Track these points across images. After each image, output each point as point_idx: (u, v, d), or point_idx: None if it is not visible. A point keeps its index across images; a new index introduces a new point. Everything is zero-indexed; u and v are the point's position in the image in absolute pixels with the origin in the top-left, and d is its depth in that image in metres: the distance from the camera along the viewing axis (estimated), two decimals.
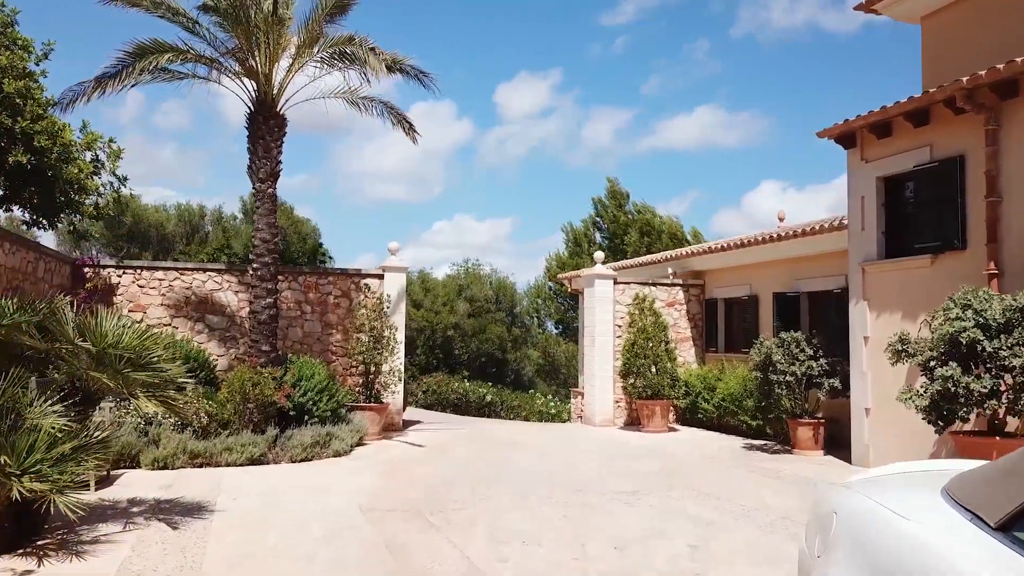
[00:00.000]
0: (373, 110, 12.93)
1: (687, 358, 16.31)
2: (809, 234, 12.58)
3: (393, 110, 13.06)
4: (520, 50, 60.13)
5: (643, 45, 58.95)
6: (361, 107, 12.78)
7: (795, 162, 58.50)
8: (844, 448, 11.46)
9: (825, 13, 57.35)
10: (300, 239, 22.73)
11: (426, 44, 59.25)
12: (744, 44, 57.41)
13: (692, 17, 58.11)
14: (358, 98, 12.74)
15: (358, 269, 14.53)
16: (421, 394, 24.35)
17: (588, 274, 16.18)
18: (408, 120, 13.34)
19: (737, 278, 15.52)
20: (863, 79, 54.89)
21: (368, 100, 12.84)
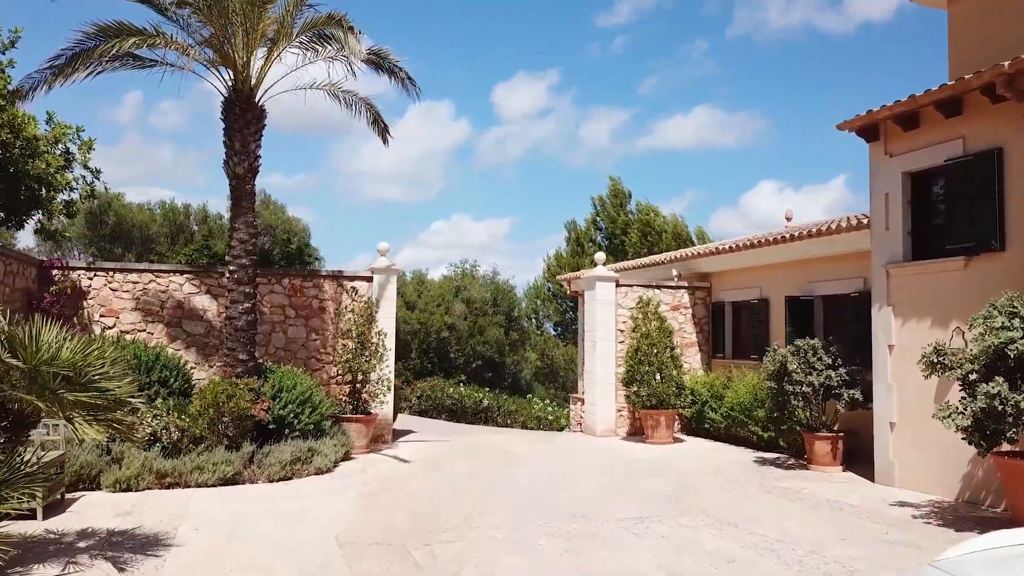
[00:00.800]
0: (353, 106, 12.17)
1: (692, 364, 15.52)
2: (825, 234, 11.80)
3: (371, 108, 12.29)
4: (518, 50, 59.51)
5: (640, 45, 58.36)
6: (342, 100, 12.02)
7: (793, 162, 57.96)
8: (864, 463, 10.70)
9: (821, 14, 56.82)
10: (285, 240, 21.81)
11: (425, 44, 58.68)
12: (741, 44, 56.85)
13: (689, 18, 57.56)
14: (340, 91, 11.96)
15: (341, 271, 13.71)
16: (415, 399, 23.55)
17: (589, 276, 15.39)
18: (383, 121, 12.64)
19: (746, 280, 14.74)
20: (862, 79, 54.39)
21: (349, 94, 12.07)
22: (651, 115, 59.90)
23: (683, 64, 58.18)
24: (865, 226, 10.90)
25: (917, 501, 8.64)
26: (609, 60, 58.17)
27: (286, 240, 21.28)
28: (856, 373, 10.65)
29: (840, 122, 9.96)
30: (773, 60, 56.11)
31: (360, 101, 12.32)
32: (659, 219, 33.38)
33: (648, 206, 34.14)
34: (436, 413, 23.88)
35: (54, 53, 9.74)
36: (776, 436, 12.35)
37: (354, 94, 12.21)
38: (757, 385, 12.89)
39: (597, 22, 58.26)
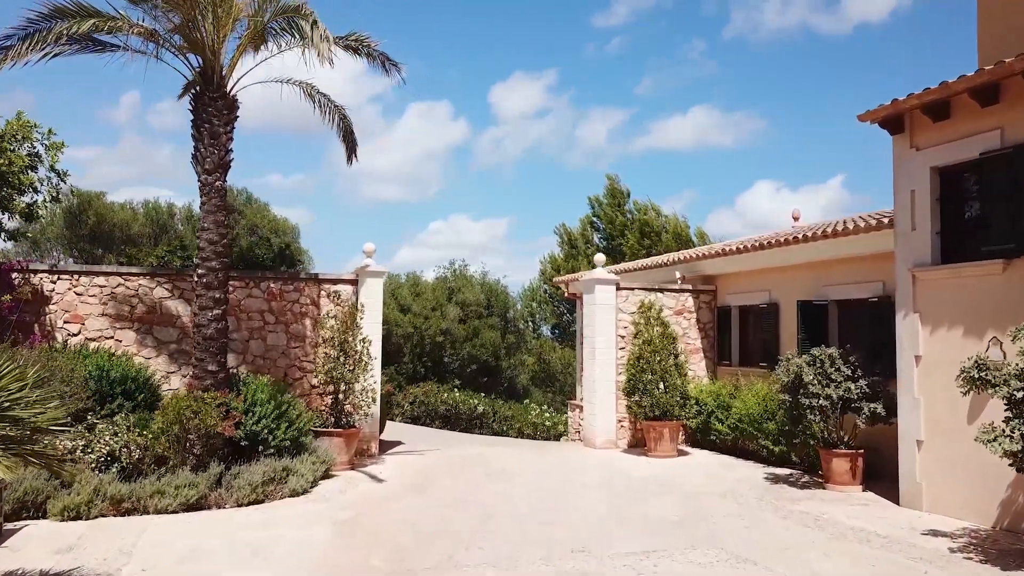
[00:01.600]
0: (327, 113, 11.39)
1: (697, 372, 14.71)
2: (841, 234, 10.99)
3: (344, 119, 11.52)
4: (516, 50, 58.88)
5: (638, 46, 57.75)
6: (316, 103, 11.25)
7: (791, 163, 57.42)
8: (885, 481, 9.91)
9: (818, 15, 56.37)
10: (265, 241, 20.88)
11: (423, 45, 58.03)
12: (738, 45, 56.28)
13: (686, 18, 56.99)
14: (316, 92, 11.18)
15: (322, 274, 12.88)
16: (408, 405, 22.73)
17: (588, 279, 14.58)
18: (353, 135, 11.86)
19: (754, 283, 13.93)
20: (860, 79, 53.91)
21: (324, 98, 11.29)
22: (649, 115, 59.32)
23: (681, 64, 57.60)
24: (886, 226, 10.11)
25: (950, 529, 7.84)
26: (606, 60, 57.56)
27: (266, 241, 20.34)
28: (877, 385, 9.84)
29: (862, 112, 9.16)
30: (771, 60, 55.58)
31: (334, 109, 11.52)
32: (659, 219, 32.57)
33: (648, 204, 33.33)
34: (430, 419, 23.07)
35: (4, 33, 8.92)
36: (788, 450, 11.56)
37: (329, 99, 11.43)
38: (767, 395, 12.09)
39: (594, 22, 57.65)
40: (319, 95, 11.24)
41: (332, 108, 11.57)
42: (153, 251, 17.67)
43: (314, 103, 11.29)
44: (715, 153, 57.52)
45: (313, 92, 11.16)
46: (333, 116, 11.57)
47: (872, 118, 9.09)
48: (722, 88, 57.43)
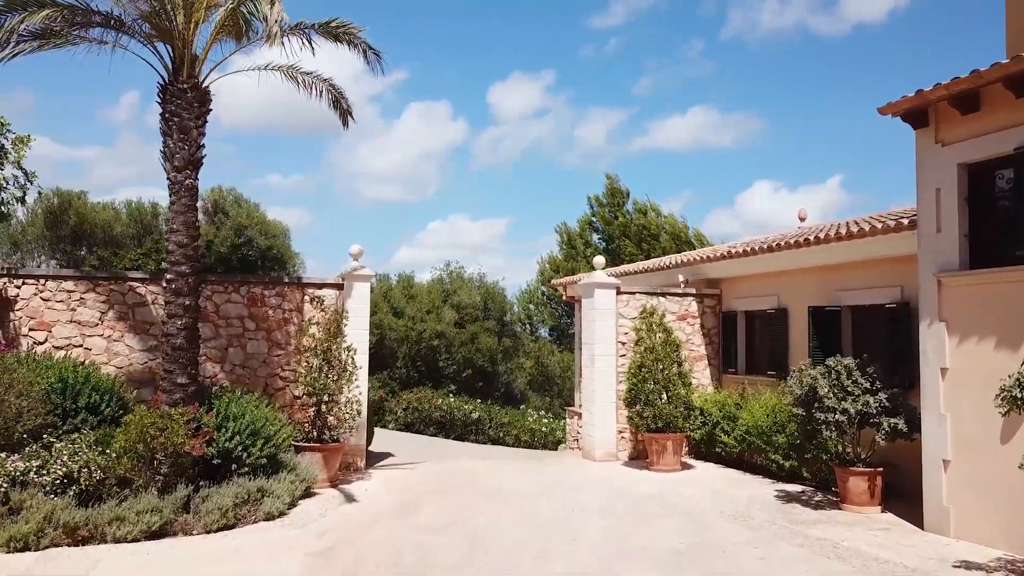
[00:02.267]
0: (312, 88, 10.68)
1: (701, 380, 14.03)
2: (857, 236, 10.30)
3: (332, 89, 10.80)
4: (514, 51, 58.35)
5: (635, 46, 57.23)
6: (300, 83, 10.54)
7: (789, 163, 56.94)
8: (905, 501, 9.25)
9: (815, 16, 55.93)
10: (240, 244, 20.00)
11: (421, 45, 57.46)
12: (736, 45, 55.78)
13: (683, 19, 56.48)
14: (298, 73, 10.46)
15: (306, 278, 12.20)
16: (401, 412, 22.03)
17: (587, 282, 13.89)
18: (345, 101, 11.18)
19: (761, 288, 13.24)
20: (857, 80, 53.45)
21: (308, 76, 10.58)
22: (647, 116, 58.78)
23: (679, 65, 57.06)
24: (905, 227, 9.43)
25: (983, 560, 7.15)
26: (604, 61, 57.04)
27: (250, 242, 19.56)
28: (897, 398, 9.16)
29: (882, 105, 8.46)
30: (768, 61, 55.08)
31: (321, 83, 10.82)
32: (658, 219, 31.88)
33: (648, 205, 32.65)
34: (424, 426, 22.38)
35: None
36: (799, 465, 10.89)
37: (315, 75, 10.72)
38: (776, 407, 11.42)
39: (592, 23, 57.12)
40: (301, 74, 10.54)
41: (318, 82, 10.88)
42: (127, 254, 16.95)
43: (297, 83, 10.60)
44: (713, 153, 57.02)
45: (295, 73, 10.46)
46: (320, 90, 10.89)
47: (894, 111, 8.41)
48: (720, 88, 56.93)
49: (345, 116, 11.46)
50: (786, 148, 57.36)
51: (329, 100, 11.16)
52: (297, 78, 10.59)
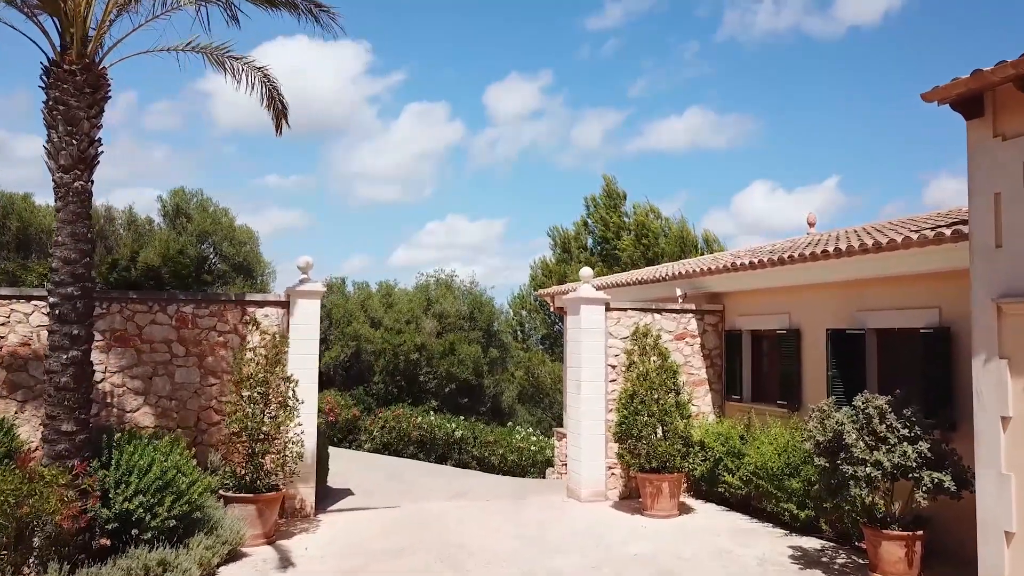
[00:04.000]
0: (243, 77, 9.05)
1: (701, 407, 12.42)
2: (887, 249, 8.67)
3: (267, 82, 9.18)
4: (511, 51, 57.18)
5: (632, 48, 56.06)
6: (228, 69, 8.90)
7: (786, 164, 55.77)
8: (947, 567, 7.66)
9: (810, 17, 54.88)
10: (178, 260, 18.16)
11: (420, 45, 56.25)
12: (731, 47, 54.65)
13: (679, 20, 55.34)
14: (226, 56, 8.84)
15: (242, 294, 10.57)
16: (377, 431, 20.43)
17: (573, 297, 12.29)
18: (281, 100, 9.55)
19: (770, 304, 11.64)
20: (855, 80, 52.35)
21: (239, 61, 8.95)
22: (643, 116, 57.61)
23: (675, 66, 55.90)
24: (947, 239, 7.83)
25: None
26: (601, 62, 55.84)
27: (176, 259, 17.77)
28: (940, 447, 7.56)
29: (927, 90, 6.86)
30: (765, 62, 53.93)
31: (253, 72, 9.20)
32: (658, 222, 30.29)
33: (648, 207, 31.04)
34: (404, 445, 20.80)
35: None
36: (816, 515, 9.29)
37: (246, 61, 9.10)
38: (789, 445, 9.85)
39: (588, 24, 55.94)
40: (230, 59, 8.92)
41: (249, 70, 9.25)
42: (34, 267, 15.26)
43: (224, 70, 8.97)
44: (709, 154, 55.84)
45: (221, 56, 8.85)
46: (251, 81, 9.26)
47: (942, 97, 6.80)
48: (716, 89, 55.79)
49: (279, 118, 9.88)
50: (783, 149, 56.36)
51: (262, 95, 9.55)
52: (224, 63, 8.96)
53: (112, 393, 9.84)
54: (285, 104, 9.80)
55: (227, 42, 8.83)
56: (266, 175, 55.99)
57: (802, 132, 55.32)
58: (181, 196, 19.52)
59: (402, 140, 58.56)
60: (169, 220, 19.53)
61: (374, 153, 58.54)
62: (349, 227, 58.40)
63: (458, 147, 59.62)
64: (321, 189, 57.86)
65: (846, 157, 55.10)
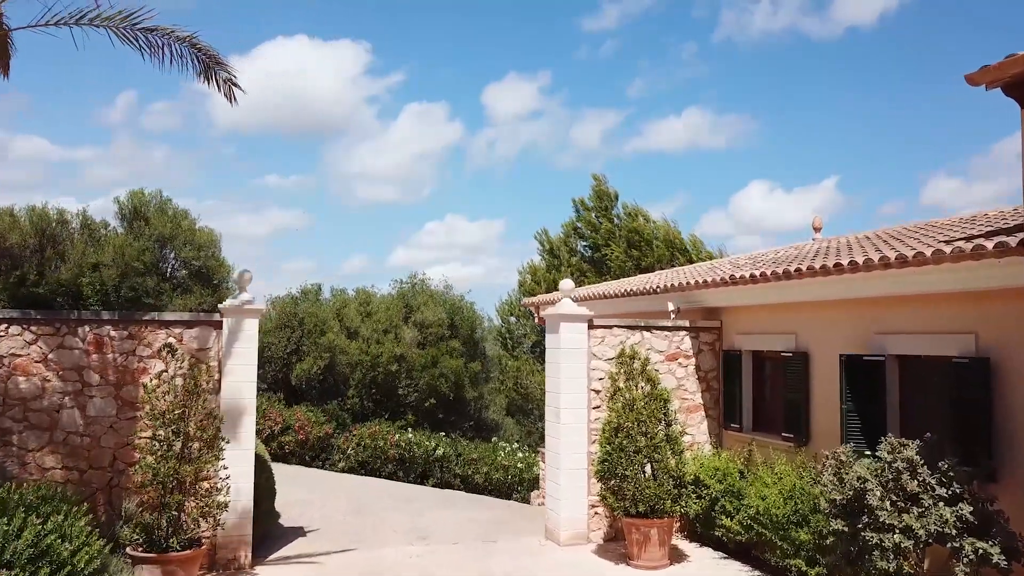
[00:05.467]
0: (166, 50, 7.67)
1: (696, 437, 11.09)
2: (912, 264, 7.31)
3: (201, 52, 7.81)
4: (509, 51, 56.28)
5: (629, 48, 55.13)
6: (139, 42, 7.51)
7: (785, 164, 54.81)
8: None
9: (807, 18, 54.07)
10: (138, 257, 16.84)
11: (419, 46, 55.28)
12: (728, 47, 53.75)
13: (676, 21, 54.45)
14: (139, 29, 7.46)
15: (163, 313, 9.18)
16: (352, 450, 19.07)
17: (551, 313, 10.96)
18: (226, 68, 8.15)
19: (772, 322, 10.30)
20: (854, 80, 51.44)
21: (151, 32, 7.57)
22: (642, 117, 56.65)
23: (673, 66, 54.94)
24: (990, 253, 6.49)
25: None
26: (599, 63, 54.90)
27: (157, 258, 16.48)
28: (982, 505, 6.22)
29: (973, 71, 5.53)
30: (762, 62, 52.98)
31: (178, 42, 7.83)
32: (650, 225, 28.91)
33: (636, 209, 29.66)
34: (381, 463, 19.45)
35: None
36: (828, 573, 7.94)
37: (169, 32, 7.73)
38: (797, 489, 8.50)
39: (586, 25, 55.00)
40: (143, 31, 7.54)
41: (173, 42, 7.87)
42: None
43: (137, 45, 7.60)
44: (708, 155, 54.87)
45: (133, 29, 7.47)
46: (178, 52, 7.89)
47: (993, 79, 5.47)
48: (714, 90, 54.86)
49: (229, 89, 8.51)
50: (782, 149, 55.46)
51: (196, 69, 8.19)
52: (138, 37, 7.59)
53: (11, 430, 8.48)
54: (230, 72, 8.43)
55: (139, 9, 7.43)
56: (266, 175, 55.02)
57: (801, 132, 54.36)
58: (139, 198, 18.16)
59: (401, 140, 57.77)
60: (127, 224, 18.19)
61: (373, 153, 57.78)
62: (348, 227, 57.53)
63: (457, 147, 58.74)
64: (321, 189, 56.99)
65: (845, 157, 54.17)
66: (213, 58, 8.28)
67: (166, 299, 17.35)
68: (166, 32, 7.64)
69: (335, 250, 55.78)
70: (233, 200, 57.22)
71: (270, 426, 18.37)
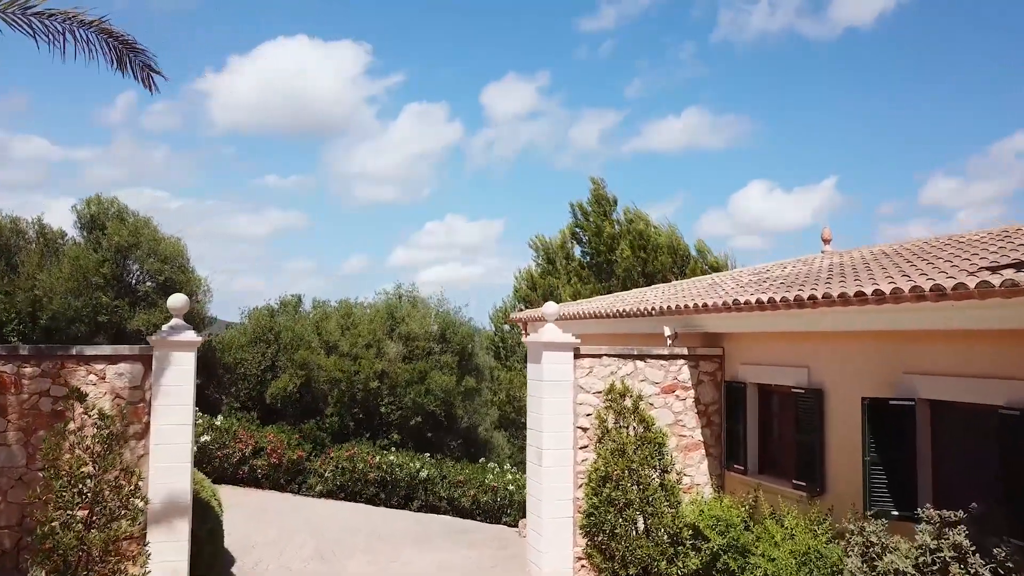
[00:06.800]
0: (66, 36, 6.53)
1: (695, 478, 9.90)
2: (952, 297, 6.13)
3: (111, 35, 6.66)
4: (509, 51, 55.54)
5: (628, 49, 54.34)
6: (36, 28, 6.36)
7: (784, 164, 53.98)
8: None
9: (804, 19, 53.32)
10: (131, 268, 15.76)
11: (418, 46, 54.40)
12: (726, 48, 52.98)
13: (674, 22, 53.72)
14: (32, 15, 6.31)
15: (81, 347, 7.97)
16: (329, 473, 17.88)
17: (534, 341, 9.78)
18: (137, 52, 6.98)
19: (782, 352, 9.11)
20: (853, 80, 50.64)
21: (56, 19, 6.41)
22: (641, 117, 55.75)
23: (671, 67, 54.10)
24: None
25: None
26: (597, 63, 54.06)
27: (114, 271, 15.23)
28: None
29: None
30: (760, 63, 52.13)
31: (85, 27, 6.67)
32: (651, 229, 27.71)
33: (637, 213, 28.47)
34: (362, 486, 18.26)
35: None
36: None
37: (71, 17, 6.56)
38: (813, 551, 7.33)
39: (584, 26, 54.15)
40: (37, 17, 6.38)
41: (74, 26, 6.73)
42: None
43: (31, 30, 6.45)
44: (707, 155, 53.98)
45: (27, 15, 6.31)
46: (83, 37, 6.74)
47: None
48: (713, 90, 53.98)
49: (147, 76, 7.36)
50: (781, 149, 54.61)
51: (109, 58, 7.05)
52: (31, 22, 6.42)
53: None
54: (150, 58, 7.28)
55: None
56: (266, 175, 54.16)
57: (801, 132, 53.45)
58: (98, 204, 17.00)
59: (401, 140, 56.96)
60: (85, 233, 17.03)
61: (373, 153, 56.94)
62: (348, 227, 56.72)
63: (457, 147, 57.85)
64: (321, 189, 56.18)
65: (844, 157, 53.28)
66: (128, 44, 7.13)
67: (126, 315, 16.17)
68: (67, 17, 6.47)
69: (335, 250, 54.98)
70: (233, 200, 56.42)
71: (240, 449, 17.18)
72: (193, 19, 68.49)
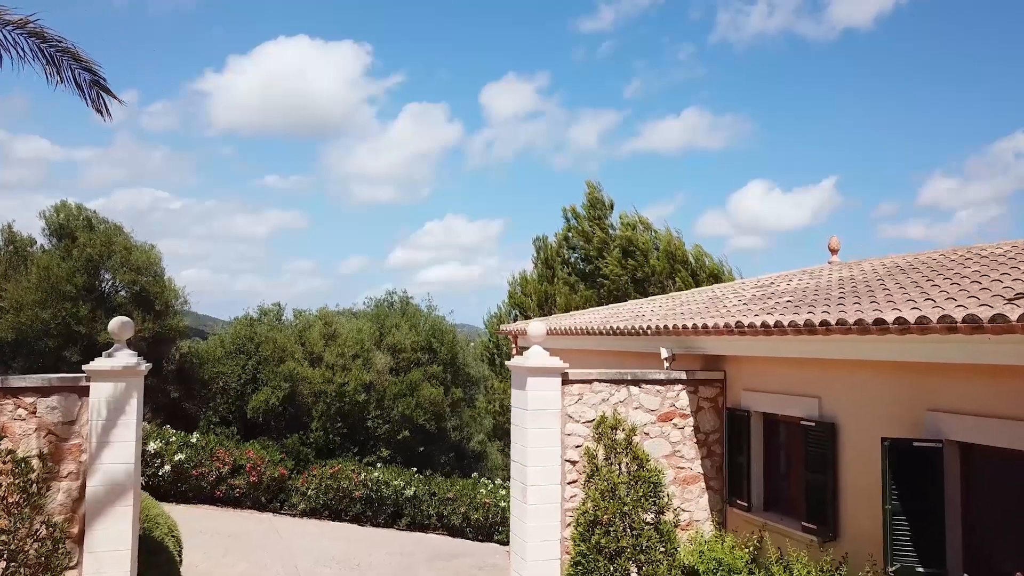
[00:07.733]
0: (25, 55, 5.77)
1: (694, 514, 9.09)
2: (989, 331, 5.32)
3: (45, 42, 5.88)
4: (508, 51, 54.53)
5: (626, 49, 53.35)
6: None
7: (783, 164, 52.92)
8: None
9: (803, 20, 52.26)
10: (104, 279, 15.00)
11: (418, 46, 53.46)
12: (725, 48, 51.98)
13: (673, 22, 52.69)
14: None
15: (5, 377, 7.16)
16: (312, 491, 17.10)
17: (518, 366, 8.97)
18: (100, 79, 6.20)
19: (789, 379, 8.30)
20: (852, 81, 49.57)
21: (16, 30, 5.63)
22: (640, 118, 54.86)
23: (670, 67, 53.21)
24: None
25: None
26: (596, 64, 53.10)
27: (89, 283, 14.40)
28: None
29: None
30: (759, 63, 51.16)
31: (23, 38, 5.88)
32: (645, 235, 26.83)
33: (636, 217, 27.60)
34: (348, 504, 17.51)
35: None
36: None
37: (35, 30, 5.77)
38: None
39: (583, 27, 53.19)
40: None
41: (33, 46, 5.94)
42: None
43: None
44: (706, 155, 53.05)
45: None
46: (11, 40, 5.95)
47: None
48: (711, 91, 53.00)
49: (95, 96, 6.59)
50: (780, 149, 53.63)
51: (46, 69, 6.26)
52: None
53: None
54: (99, 74, 6.50)
55: None
56: (265, 175, 53.27)
57: (800, 132, 52.65)
58: (68, 211, 16.20)
59: (400, 141, 56.03)
60: (55, 240, 16.23)
61: (373, 154, 55.92)
62: (348, 228, 55.75)
63: (456, 148, 56.94)
64: (320, 190, 55.23)
65: (844, 157, 52.35)
66: (68, 52, 6.35)
67: (99, 327, 15.36)
68: (35, 30, 5.68)
69: (334, 250, 54.10)
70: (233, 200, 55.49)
71: (218, 467, 16.39)
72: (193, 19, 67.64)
